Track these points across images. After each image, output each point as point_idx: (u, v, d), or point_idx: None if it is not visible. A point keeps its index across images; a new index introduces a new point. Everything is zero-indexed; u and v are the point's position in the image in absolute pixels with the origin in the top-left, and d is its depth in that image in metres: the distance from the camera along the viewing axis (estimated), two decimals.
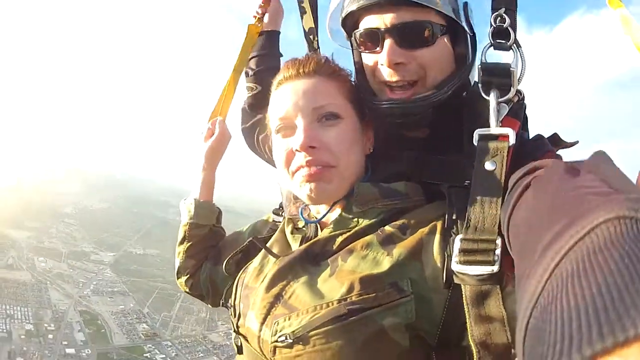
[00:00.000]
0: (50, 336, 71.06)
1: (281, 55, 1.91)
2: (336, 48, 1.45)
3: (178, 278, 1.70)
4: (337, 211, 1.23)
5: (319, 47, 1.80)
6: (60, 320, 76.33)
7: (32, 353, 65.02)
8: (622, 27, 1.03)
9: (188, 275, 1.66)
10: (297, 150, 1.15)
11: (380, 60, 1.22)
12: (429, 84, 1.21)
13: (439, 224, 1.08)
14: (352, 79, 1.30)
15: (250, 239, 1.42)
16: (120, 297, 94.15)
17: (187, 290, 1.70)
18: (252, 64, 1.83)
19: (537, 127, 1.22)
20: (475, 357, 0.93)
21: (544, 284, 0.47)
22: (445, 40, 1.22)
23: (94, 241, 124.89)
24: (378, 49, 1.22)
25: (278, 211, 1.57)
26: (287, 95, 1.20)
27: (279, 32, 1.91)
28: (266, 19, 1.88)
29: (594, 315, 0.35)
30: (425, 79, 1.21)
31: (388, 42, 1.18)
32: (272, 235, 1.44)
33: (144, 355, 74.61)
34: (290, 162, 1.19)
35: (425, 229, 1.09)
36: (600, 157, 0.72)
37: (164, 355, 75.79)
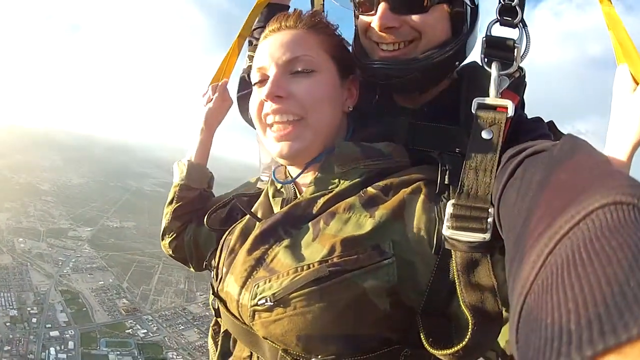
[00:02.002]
0: (34, 320, 71.79)
1: None
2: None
3: (162, 240, 1.68)
4: (312, 173, 1.21)
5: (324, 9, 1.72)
6: (42, 303, 77.10)
7: (19, 340, 65.91)
8: (607, 22, 1.04)
9: (172, 237, 1.65)
10: (264, 99, 1.15)
11: (372, 23, 1.21)
12: (422, 47, 1.20)
13: (423, 185, 1.07)
14: (340, 35, 1.28)
15: (234, 195, 1.45)
16: (99, 273, 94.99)
17: (171, 252, 1.70)
18: (257, 34, 1.79)
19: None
20: (470, 321, 0.93)
21: (538, 271, 0.46)
22: (443, 8, 1.21)
23: (71, 217, 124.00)
24: (372, 11, 1.22)
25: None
26: (266, 47, 1.20)
27: (288, 7, 1.84)
28: None
29: (594, 310, 0.34)
30: (419, 40, 1.20)
31: (382, 6, 1.18)
32: (256, 194, 1.45)
33: (126, 331, 76.20)
34: (261, 112, 1.18)
35: (408, 189, 1.07)
36: (578, 140, 0.71)
37: (145, 330, 77.71)
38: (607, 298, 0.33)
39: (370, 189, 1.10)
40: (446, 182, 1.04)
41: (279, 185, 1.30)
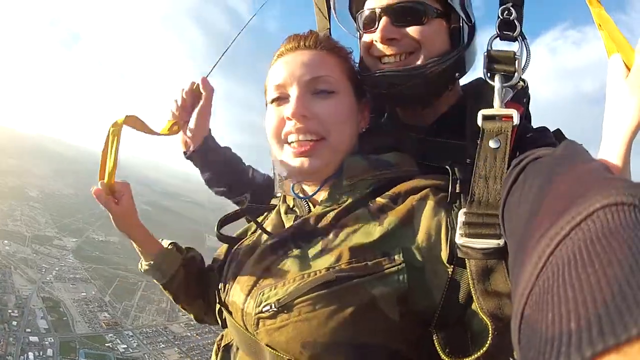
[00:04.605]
0: (15, 323, 69.49)
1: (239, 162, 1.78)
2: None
3: (200, 321, 1.61)
4: (325, 191, 1.22)
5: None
6: (24, 307, 74.68)
7: None
8: (598, 23, 1.06)
9: (204, 314, 1.56)
10: (288, 118, 1.15)
11: (374, 37, 1.27)
12: (422, 58, 1.25)
13: (431, 192, 1.07)
14: (353, 58, 1.31)
15: (244, 208, 1.44)
16: (82, 284, 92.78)
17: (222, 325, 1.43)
18: (221, 194, 1.74)
19: None
20: (490, 327, 0.91)
21: (539, 271, 0.46)
22: (441, 23, 1.27)
23: (57, 226, 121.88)
24: (375, 27, 1.28)
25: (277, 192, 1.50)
26: (285, 65, 1.20)
27: (210, 138, 1.72)
28: (191, 122, 1.65)
29: (594, 311, 0.34)
30: (419, 51, 1.25)
31: (383, 20, 1.25)
32: (266, 207, 1.47)
33: (106, 345, 74.05)
34: (280, 130, 1.18)
35: (417, 196, 1.07)
36: (577, 146, 0.73)
37: (125, 345, 75.62)
38: (607, 298, 0.34)
39: (378, 199, 1.11)
40: (457, 190, 1.04)
41: (291, 203, 1.31)
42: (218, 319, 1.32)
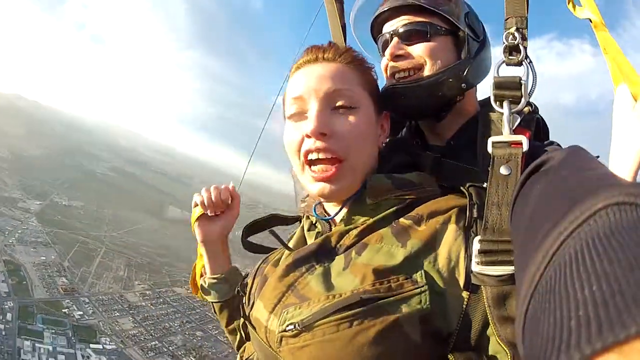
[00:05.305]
0: None
1: None
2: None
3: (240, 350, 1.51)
4: (347, 206, 1.21)
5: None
6: None
7: None
8: (603, 46, 1.06)
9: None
10: (307, 135, 1.12)
11: (387, 57, 1.38)
12: (429, 71, 1.33)
13: (454, 215, 1.07)
14: (375, 73, 1.31)
15: (270, 215, 1.48)
16: (42, 248, 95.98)
17: None
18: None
19: None
20: (508, 354, 0.91)
21: (543, 271, 0.46)
22: (447, 40, 1.36)
23: (23, 188, 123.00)
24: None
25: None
26: (303, 78, 1.18)
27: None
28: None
29: (593, 309, 0.34)
30: (426, 66, 1.34)
31: (393, 41, 1.37)
32: (293, 217, 1.51)
33: (63, 310, 77.46)
34: (299, 147, 1.16)
35: (440, 219, 1.07)
36: (580, 150, 0.74)
37: (81, 312, 79.27)
38: (606, 297, 0.34)
39: (402, 220, 1.10)
40: (475, 215, 1.04)
41: (313, 220, 1.31)
42: (242, 332, 1.35)
